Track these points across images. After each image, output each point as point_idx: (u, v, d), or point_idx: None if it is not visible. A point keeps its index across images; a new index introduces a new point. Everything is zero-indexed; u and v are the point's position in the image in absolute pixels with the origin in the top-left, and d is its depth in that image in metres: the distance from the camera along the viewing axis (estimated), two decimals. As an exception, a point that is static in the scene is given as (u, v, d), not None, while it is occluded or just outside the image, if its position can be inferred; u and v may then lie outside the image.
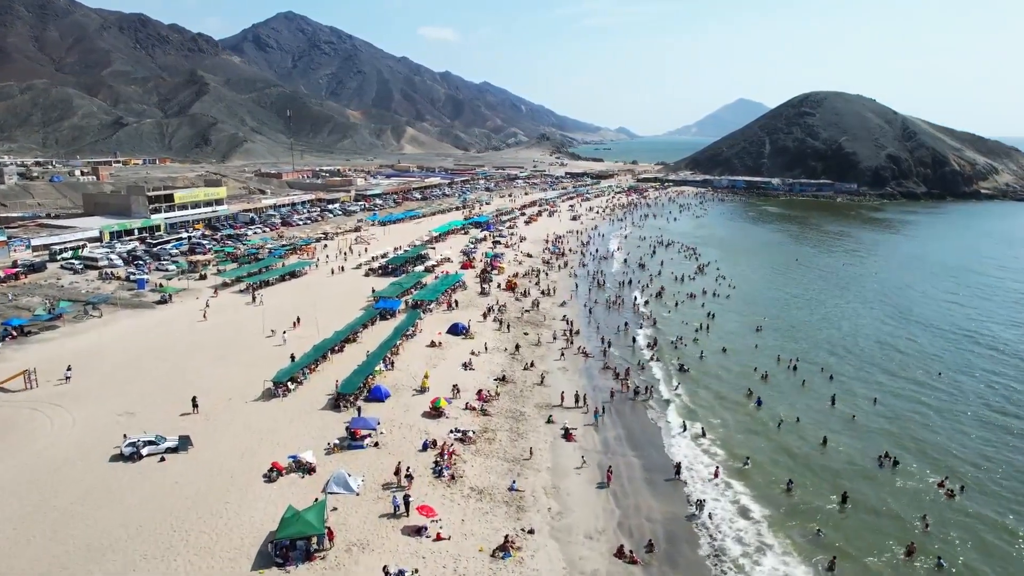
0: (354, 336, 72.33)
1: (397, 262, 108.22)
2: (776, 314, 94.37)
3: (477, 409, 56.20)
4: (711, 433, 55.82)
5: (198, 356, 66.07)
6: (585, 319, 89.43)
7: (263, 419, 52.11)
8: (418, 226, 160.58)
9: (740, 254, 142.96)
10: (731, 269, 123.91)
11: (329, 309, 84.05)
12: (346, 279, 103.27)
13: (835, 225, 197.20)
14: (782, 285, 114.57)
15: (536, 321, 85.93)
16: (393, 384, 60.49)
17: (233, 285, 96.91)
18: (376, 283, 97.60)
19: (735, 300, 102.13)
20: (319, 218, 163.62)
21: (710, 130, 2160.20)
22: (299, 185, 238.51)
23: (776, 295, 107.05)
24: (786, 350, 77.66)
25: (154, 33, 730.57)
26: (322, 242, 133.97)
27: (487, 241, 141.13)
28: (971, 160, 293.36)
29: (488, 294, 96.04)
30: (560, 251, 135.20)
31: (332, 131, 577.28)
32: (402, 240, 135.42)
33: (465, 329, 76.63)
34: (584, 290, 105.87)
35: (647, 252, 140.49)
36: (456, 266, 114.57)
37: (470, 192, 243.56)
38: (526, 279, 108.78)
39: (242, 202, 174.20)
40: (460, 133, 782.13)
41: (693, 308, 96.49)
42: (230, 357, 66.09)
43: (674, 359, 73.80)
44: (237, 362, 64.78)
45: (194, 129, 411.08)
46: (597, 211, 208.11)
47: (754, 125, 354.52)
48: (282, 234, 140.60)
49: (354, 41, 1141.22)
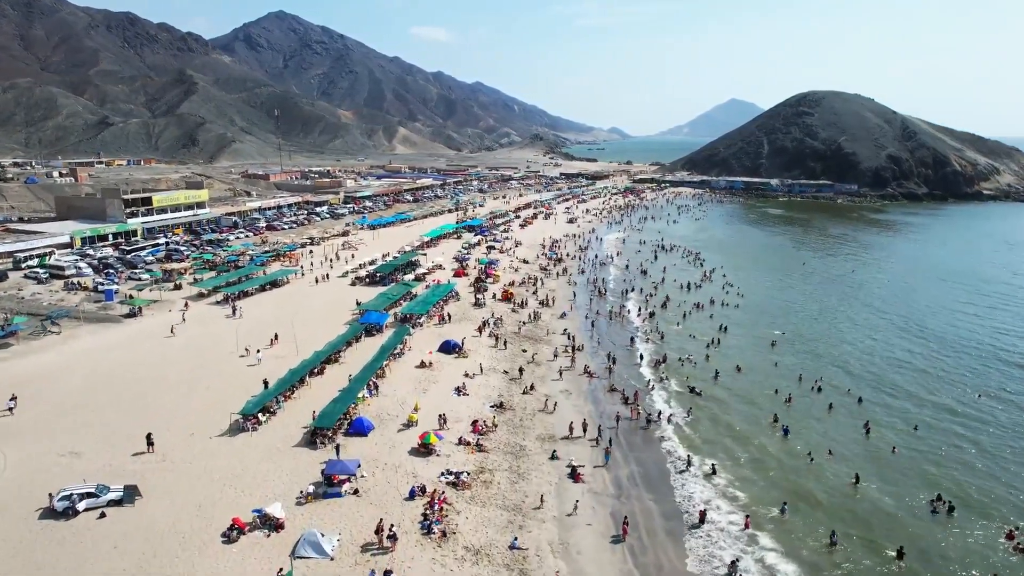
0: (336, 356, 65.86)
1: (385, 270, 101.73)
2: (789, 326, 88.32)
3: (472, 444, 49.85)
4: (734, 470, 49.68)
5: (163, 380, 59.42)
6: (587, 332, 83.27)
7: (228, 459, 45.62)
8: (409, 230, 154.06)
9: (745, 259, 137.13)
10: (737, 276, 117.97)
11: (310, 323, 77.63)
12: (331, 289, 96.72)
13: (838, 227, 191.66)
14: (791, 293, 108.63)
15: (535, 336, 79.67)
16: (377, 414, 54.10)
17: (210, 296, 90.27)
18: (362, 294, 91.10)
19: (744, 310, 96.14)
20: (305, 222, 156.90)
21: (702, 130, 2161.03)
22: (287, 187, 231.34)
23: (786, 304, 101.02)
24: (806, 368, 71.61)
25: (143, 32, 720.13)
26: (307, 248, 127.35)
27: (481, 246, 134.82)
28: (972, 160, 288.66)
29: (483, 305, 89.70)
30: (557, 256, 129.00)
31: (323, 131, 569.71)
32: (392, 245, 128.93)
33: (458, 347, 70.28)
34: (584, 299, 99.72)
35: (648, 257, 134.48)
36: (448, 274, 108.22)
37: (463, 194, 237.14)
38: (523, 288, 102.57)
39: (226, 205, 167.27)
40: (453, 133, 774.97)
41: (701, 320, 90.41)
42: (198, 381, 59.50)
43: (684, 379, 67.60)
44: (206, 386, 58.21)
45: (181, 129, 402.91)
46: (594, 213, 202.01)
47: (751, 125, 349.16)
48: (265, 239, 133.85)
49: (346, 41, 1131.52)
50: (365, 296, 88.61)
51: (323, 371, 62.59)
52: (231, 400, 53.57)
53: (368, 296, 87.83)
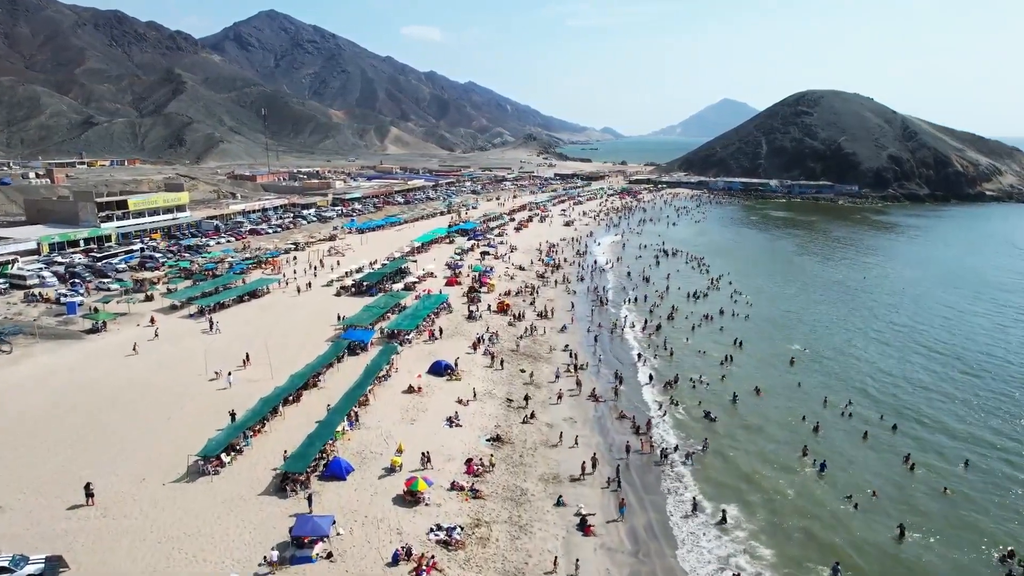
0: (315, 380, 59.27)
1: (373, 279, 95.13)
2: (806, 340, 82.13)
3: (466, 490, 43.43)
4: (767, 518, 43.42)
5: (117, 409, 52.80)
6: (589, 348, 76.94)
7: (182, 512, 39.08)
8: (399, 234, 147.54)
9: (750, 264, 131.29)
10: (745, 283, 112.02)
11: (290, 340, 71.15)
12: (314, 299, 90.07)
13: (841, 230, 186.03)
14: (801, 303, 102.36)
15: (534, 353, 73.29)
16: (359, 450, 47.68)
17: (183, 308, 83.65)
18: (348, 305, 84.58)
19: (755, 322, 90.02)
20: (291, 225, 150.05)
21: (694, 130, 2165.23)
22: (274, 188, 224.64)
23: (798, 315, 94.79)
24: (831, 390, 65.58)
25: (131, 31, 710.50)
26: (291, 254, 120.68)
27: (474, 251, 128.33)
28: (974, 161, 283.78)
29: (477, 318, 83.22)
30: (555, 263, 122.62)
31: (314, 131, 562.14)
32: (380, 251, 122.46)
33: (450, 368, 63.80)
34: (585, 310, 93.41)
35: (650, 263, 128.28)
36: (440, 282, 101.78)
37: (455, 195, 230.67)
38: (519, 298, 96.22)
39: (209, 208, 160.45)
40: (445, 133, 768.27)
41: (711, 333, 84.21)
42: (158, 410, 52.86)
43: (698, 404, 61.30)
44: (166, 417, 51.63)
45: (168, 129, 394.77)
46: (591, 215, 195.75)
47: (749, 125, 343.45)
48: (248, 244, 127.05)
49: (338, 40, 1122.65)
50: (350, 307, 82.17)
51: (299, 398, 56.03)
52: (194, 435, 47.16)
53: (353, 308, 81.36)
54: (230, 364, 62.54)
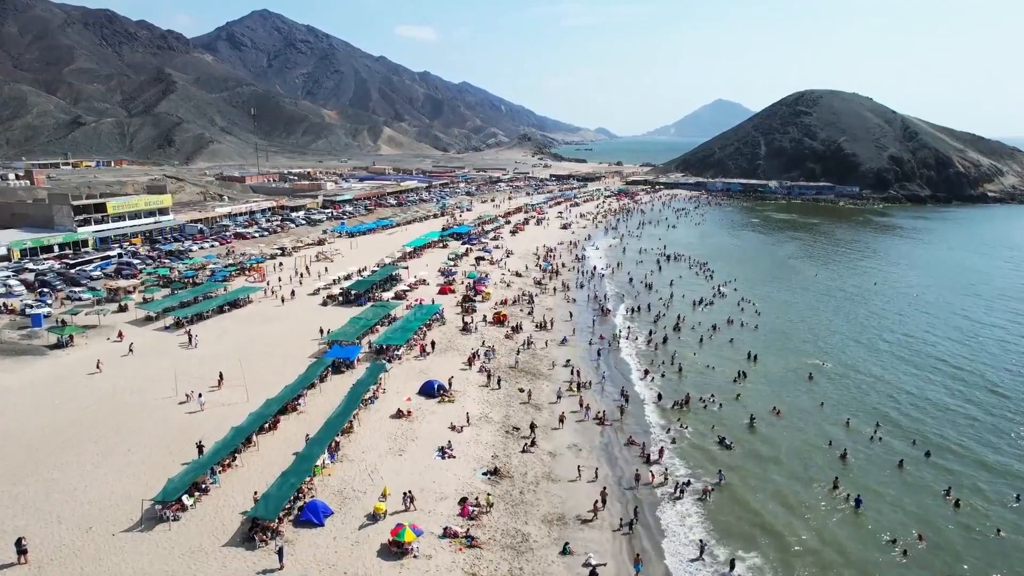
0: (294, 404, 54.05)
1: (361, 287, 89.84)
2: (822, 353, 77.26)
3: (460, 536, 38.30)
4: (804, 567, 38.38)
5: (69, 439, 47.53)
6: (592, 362, 71.99)
7: (131, 570, 33.86)
8: (391, 237, 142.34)
9: (754, 269, 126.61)
10: (751, 290, 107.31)
11: (269, 357, 65.95)
12: (298, 310, 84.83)
13: (846, 232, 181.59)
14: (812, 312, 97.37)
15: (533, 369, 68.16)
16: (339, 488, 42.53)
17: (159, 319, 78.33)
18: (334, 316, 79.39)
19: (765, 333, 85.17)
20: (279, 229, 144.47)
21: (689, 130, 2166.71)
22: (263, 190, 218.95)
23: (809, 325, 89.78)
24: (856, 410, 60.73)
25: (121, 30, 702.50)
26: (277, 259, 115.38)
27: (469, 256, 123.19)
28: (975, 161, 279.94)
29: (472, 331, 78.05)
30: (553, 268, 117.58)
31: (306, 131, 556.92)
32: (371, 256, 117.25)
33: (443, 389, 58.62)
34: (586, 320, 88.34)
35: (652, 268, 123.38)
36: (433, 290, 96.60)
37: (449, 197, 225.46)
38: (516, 307, 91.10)
39: (194, 211, 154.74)
40: (439, 133, 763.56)
41: (721, 346, 79.27)
42: (117, 440, 47.60)
43: (711, 428, 56.27)
44: (126, 449, 46.37)
45: (157, 129, 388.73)
46: (588, 218, 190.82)
47: (747, 125, 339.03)
48: (232, 249, 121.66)
49: (331, 40, 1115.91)
50: (337, 318, 76.96)
51: (276, 424, 50.80)
52: (154, 471, 42.15)
53: (340, 319, 76.12)
54: (203, 384, 57.39)
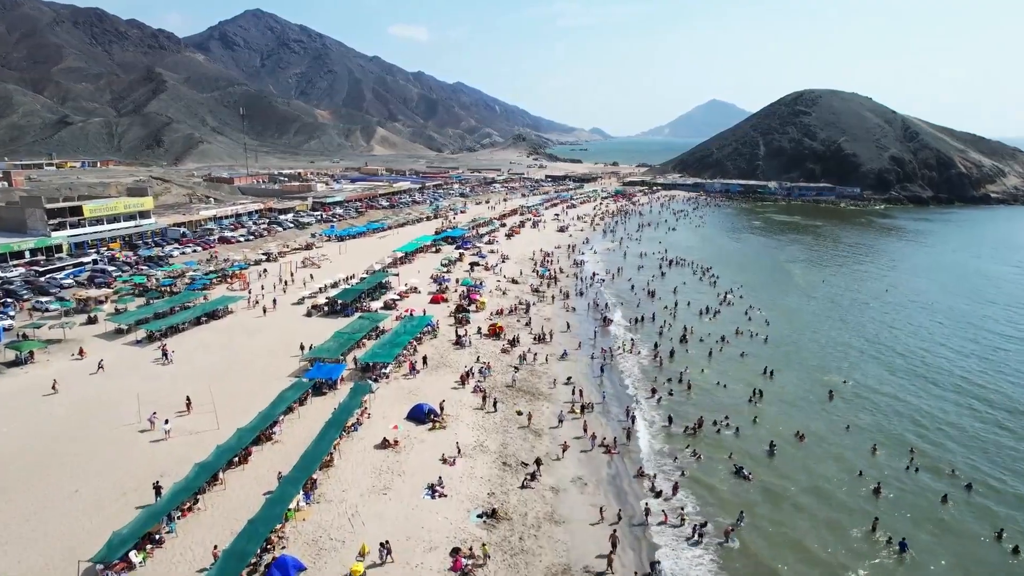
0: (269, 432, 48.84)
1: (348, 297, 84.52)
2: (838, 370, 72.23)
3: (451, 599, 33.22)
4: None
5: (7, 482, 42.24)
6: (595, 379, 66.98)
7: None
8: (382, 241, 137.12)
9: (760, 275, 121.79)
10: (758, 297, 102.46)
11: (244, 376, 60.77)
12: (280, 321, 79.54)
13: (849, 235, 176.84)
14: (824, 322, 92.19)
15: (531, 388, 62.99)
16: (315, 537, 37.36)
17: (131, 332, 73.03)
18: (318, 328, 74.22)
19: (777, 345, 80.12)
20: (265, 233, 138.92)
21: (683, 131, 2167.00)
22: (252, 191, 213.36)
23: (823, 337, 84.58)
24: (882, 434, 55.81)
25: (111, 28, 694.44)
26: (262, 265, 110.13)
27: (463, 262, 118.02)
28: (977, 162, 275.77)
29: (466, 345, 72.85)
30: (551, 275, 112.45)
31: (298, 132, 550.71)
32: (360, 261, 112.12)
33: (434, 413, 53.44)
34: (587, 331, 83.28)
35: (654, 273, 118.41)
36: (424, 299, 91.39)
37: (443, 198, 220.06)
38: (512, 317, 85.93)
39: (178, 213, 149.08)
40: (433, 134, 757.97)
41: (732, 360, 74.23)
42: (63, 478, 42.41)
43: (728, 456, 51.21)
44: (73, 490, 41.18)
45: (146, 129, 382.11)
46: (586, 220, 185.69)
47: (745, 125, 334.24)
48: (215, 255, 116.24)
49: (324, 40, 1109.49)
50: (321, 331, 71.79)
51: (248, 457, 45.61)
52: (101, 519, 36.87)
53: (324, 332, 70.93)
54: (171, 408, 52.21)
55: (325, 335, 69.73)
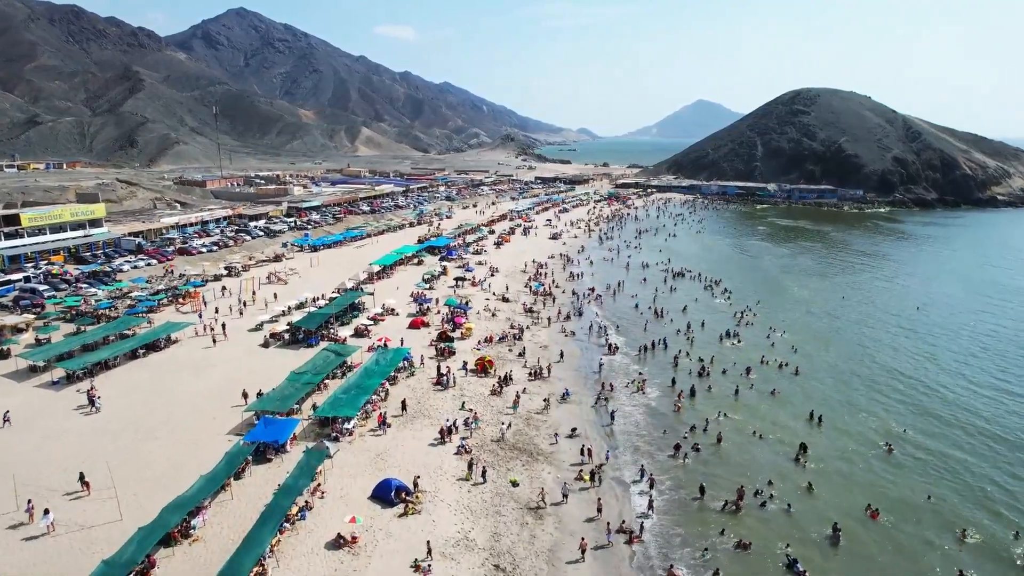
0: (186, 525, 37.01)
1: (313, 323, 72.58)
2: (890, 413, 61.04)
3: None
4: None
5: None
6: (604, 427, 55.74)
7: None
8: (359, 252, 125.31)
9: (775, 288, 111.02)
10: (776, 316, 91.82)
11: (173, 435, 48.90)
12: (231, 353, 67.59)
13: (860, 242, 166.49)
14: (856, 348, 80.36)
15: (528, 445, 51.46)
16: None
17: (47, 370, 60.96)
18: (275, 363, 62.55)
19: (811, 379, 69.18)
20: (231, 242, 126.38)
21: (670, 131, 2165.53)
22: (225, 195, 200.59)
23: (861, 369, 73.15)
24: (967, 508, 44.75)
25: (89, 26, 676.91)
26: (221, 281, 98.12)
27: (447, 276, 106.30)
28: (981, 163, 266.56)
29: (449, 384, 61.19)
30: (545, 290, 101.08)
31: (281, 132, 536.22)
32: (333, 275, 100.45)
33: (405, 492, 41.82)
34: (589, 361, 72.05)
35: (659, 287, 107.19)
36: (403, 322, 79.72)
37: (428, 202, 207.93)
38: (504, 345, 74.41)
39: (137, 221, 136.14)
40: (420, 134, 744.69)
41: (762, 398, 63.11)
42: None
43: (783, 545, 39.88)
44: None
45: (120, 129, 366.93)
46: (580, 226, 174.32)
47: (741, 124, 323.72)
48: (171, 268, 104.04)
49: (309, 39, 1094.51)
50: (278, 366, 60.18)
51: (150, 570, 33.78)
52: None
53: (281, 368, 59.25)
54: (61, 487, 40.46)
55: (282, 373, 58.00)
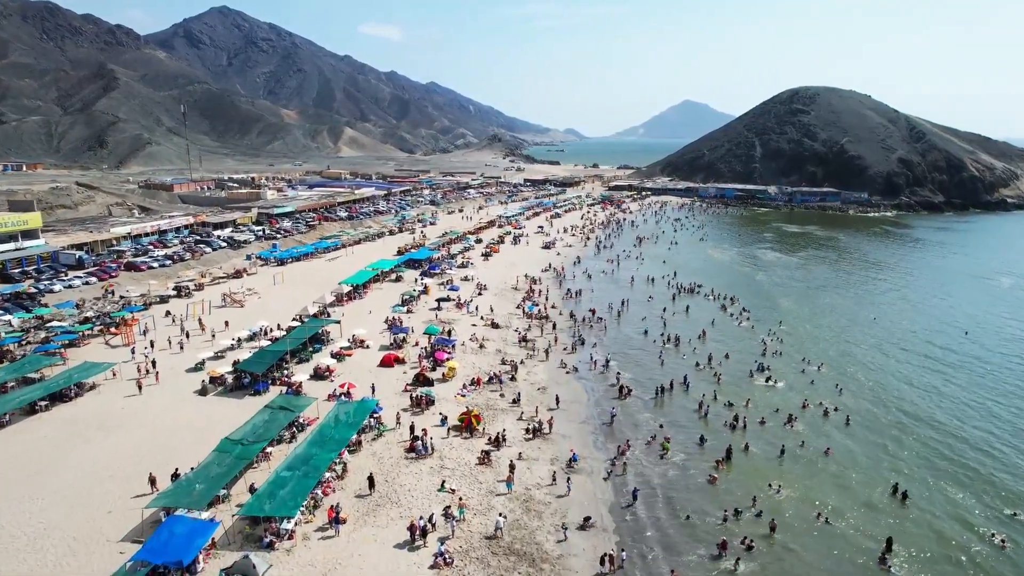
0: None
1: (262, 365, 59.50)
2: (982, 480, 49.06)
3: None
4: None
5: None
6: (623, 513, 43.09)
7: None
8: (331, 265, 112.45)
9: (797, 307, 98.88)
10: (807, 343, 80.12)
11: (36, 545, 35.84)
12: (158, 405, 54.41)
13: (874, 249, 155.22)
14: (907, 389, 67.76)
15: (529, 550, 38.56)
16: None
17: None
18: (211, 419, 49.60)
19: (866, 427, 57.32)
20: (188, 255, 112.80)
21: (657, 131, 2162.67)
22: (193, 199, 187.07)
23: (925, 414, 61.50)
24: None
25: (64, 23, 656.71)
26: (170, 303, 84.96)
27: (428, 295, 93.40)
28: (988, 164, 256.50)
29: (426, 451, 48.30)
30: (540, 312, 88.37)
31: (262, 132, 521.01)
32: (300, 294, 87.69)
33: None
34: (597, 408, 59.50)
35: (668, 306, 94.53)
36: (374, 358, 66.88)
37: (411, 207, 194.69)
38: (494, 390, 61.59)
39: (84, 231, 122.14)
40: (405, 134, 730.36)
41: (816, 459, 50.76)
42: None
43: None
44: None
45: (90, 129, 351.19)
46: (574, 233, 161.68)
47: (738, 124, 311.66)
48: (110, 288, 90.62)
49: (294, 38, 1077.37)
50: (216, 423, 47.40)
51: None
52: None
53: (219, 425, 46.35)
54: None
55: (216, 434, 45.11)
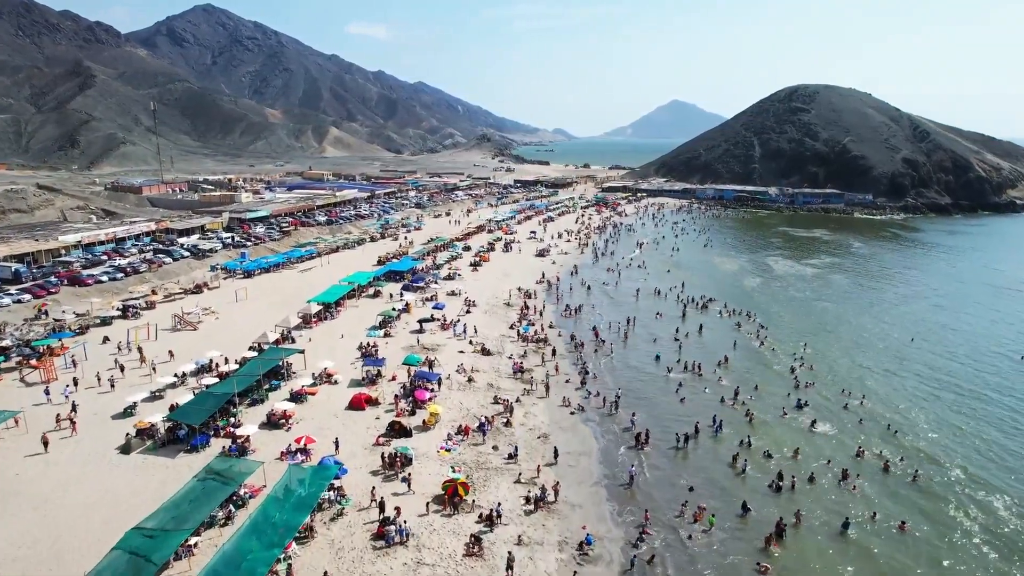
0: None
1: (202, 414, 48.41)
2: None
3: None
4: None
5: None
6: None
7: None
8: (304, 277, 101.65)
9: (820, 325, 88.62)
10: (844, 371, 70.08)
11: None
12: (65, 468, 43.38)
13: (890, 255, 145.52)
14: (972, 438, 58.26)
15: None
16: None
17: None
18: (131, 487, 38.72)
19: (938, 482, 47.18)
20: (144, 266, 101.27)
21: (645, 131, 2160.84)
22: (163, 202, 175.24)
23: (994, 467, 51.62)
24: None
25: (41, 20, 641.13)
26: (110, 326, 73.80)
27: (410, 314, 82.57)
28: (995, 164, 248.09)
29: (398, 538, 37.44)
30: (536, 334, 77.67)
31: (244, 132, 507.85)
32: (267, 313, 76.81)
33: None
34: (611, 467, 48.93)
35: (680, 326, 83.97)
36: (342, 397, 56.03)
37: (395, 210, 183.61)
38: (486, 442, 50.86)
39: (29, 239, 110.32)
40: (393, 134, 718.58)
41: (887, 536, 40.36)
42: None
43: None
44: None
45: (62, 128, 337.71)
46: (569, 239, 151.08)
47: (736, 123, 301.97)
48: (43, 307, 79.21)
49: (280, 37, 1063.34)
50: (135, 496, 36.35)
51: None
52: None
53: (140, 500, 35.41)
54: None
55: (131, 516, 34.17)
